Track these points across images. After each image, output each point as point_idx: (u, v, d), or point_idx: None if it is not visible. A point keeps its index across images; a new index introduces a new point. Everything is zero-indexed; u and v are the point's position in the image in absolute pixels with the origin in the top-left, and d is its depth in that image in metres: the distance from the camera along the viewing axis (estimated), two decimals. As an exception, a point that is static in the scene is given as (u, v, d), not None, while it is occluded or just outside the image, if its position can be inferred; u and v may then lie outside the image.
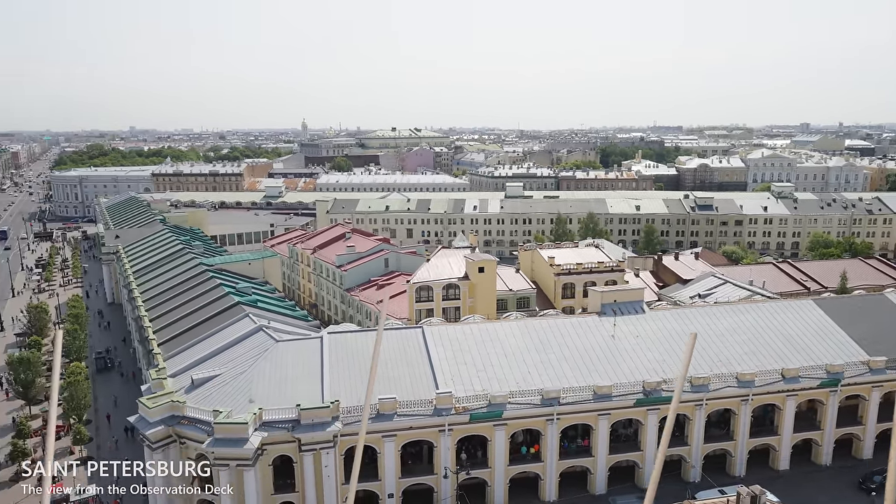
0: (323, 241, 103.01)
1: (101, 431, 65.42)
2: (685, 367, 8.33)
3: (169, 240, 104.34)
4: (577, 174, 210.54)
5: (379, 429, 47.74)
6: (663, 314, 61.95)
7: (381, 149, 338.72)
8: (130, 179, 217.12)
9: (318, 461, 46.79)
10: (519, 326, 58.71)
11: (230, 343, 56.57)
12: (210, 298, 69.93)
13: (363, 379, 51.18)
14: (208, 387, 50.30)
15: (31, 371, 67.52)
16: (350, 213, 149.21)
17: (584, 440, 54.17)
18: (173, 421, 47.32)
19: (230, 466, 45.07)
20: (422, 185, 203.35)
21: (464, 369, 52.81)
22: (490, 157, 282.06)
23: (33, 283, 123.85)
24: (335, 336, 56.13)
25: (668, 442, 10.24)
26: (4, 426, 65.17)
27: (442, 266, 79.26)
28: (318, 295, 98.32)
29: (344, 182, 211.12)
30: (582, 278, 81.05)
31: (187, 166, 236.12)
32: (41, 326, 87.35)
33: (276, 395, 48.53)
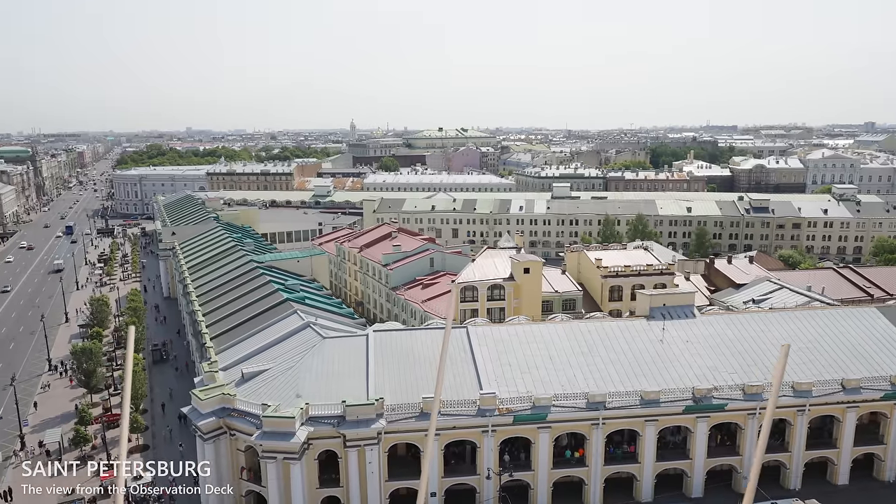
0: (369, 240, 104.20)
1: (156, 420, 67.89)
2: (778, 377, 7.90)
3: (222, 237, 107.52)
4: (626, 175, 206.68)
5: (422, 427, 47.92)
6: (715, 319, 60.17)
7: (428, 149, 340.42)
8: (186, 178, 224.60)
9: (362, 457, 47.39)
10: (564, 328, 58.04)
11: (279, 338, 57.89)
12: (260, 295, 71.71)
13: (407, 377, 51.60)
14: (257, 381, 51.60)
15: (92, 361, 70.65)
16: (396, 212, 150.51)
17: (631, 446, 53.12)
18: (224, 413, 48.73)
19: (277, 459, 46.14)
20: (468, 185, 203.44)
21: (508, 370, 52.55)
22: (537, 158, 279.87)
23: (95, 277, 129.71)
24: (380, 334, 56.72)
25: (763, 450, 9.88)
26: (67, 413, 68.29)
27: (487, 266, 79.07)
28: (365, 293, 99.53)
29: (391, 182, 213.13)
30: (630, 281, 79.51)
31: (240, 166, 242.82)
32: (102, 319, 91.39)
33: (323, 390, 49.37)
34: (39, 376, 79.55)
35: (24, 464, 59.01)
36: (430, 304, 78.54)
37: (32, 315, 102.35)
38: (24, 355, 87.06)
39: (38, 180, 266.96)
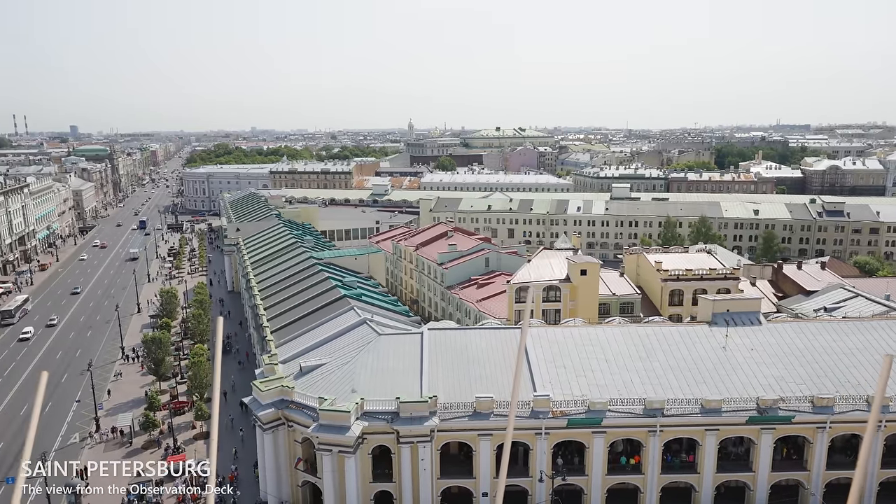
0: (426, 238, 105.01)
1: (219, 409, 70.48)
2: (881, 390, 7.42)
3: (283, 234, 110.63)
4: (689, 175, 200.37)
5: (475, 427, 47.98)
6: (782, 327, 57.57)
7: (485, 148, 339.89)
8: (251, 176, 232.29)
9: (415, 454, 47.83)
10: (622, 332, 56.85)
11: (336, 334, 59.11)
12: (319, 290, 73.42)
13: (461, 376, 51.74)
14: (315, 374, 52.87)
15: (161, 350, 74.16)
16: (452, 211, 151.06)
17: (690, 456, 51.50)
18: (282, 405, 50.18)
19: (332, 452, 47.14)
20: (524, 185, 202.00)
21: (562, 373, 51.91)
22: (596, 158, 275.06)
23: (165, 271, 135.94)
24: (435, 332, 57.08)
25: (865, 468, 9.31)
26: (138, 398, 71.84)
27: (543, 267, 78.30)
28: (420, 291, 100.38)
29: (447, 181, 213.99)
30: (691, 285, 77.08)
31: (301, 165, 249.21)
32: (171, 310, 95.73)
33: (377, 386, 50.09)
34: (113, 363, 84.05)
35: (99, 445, 62.63)
36: (484, 304, 78.50)
37: (108, 305, 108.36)
38: (99, 343, 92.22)
39: (115, 177, 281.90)
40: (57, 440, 63.87)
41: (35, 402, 6.97)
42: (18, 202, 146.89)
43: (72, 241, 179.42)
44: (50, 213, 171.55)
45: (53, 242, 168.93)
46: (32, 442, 6.65)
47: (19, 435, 64.93)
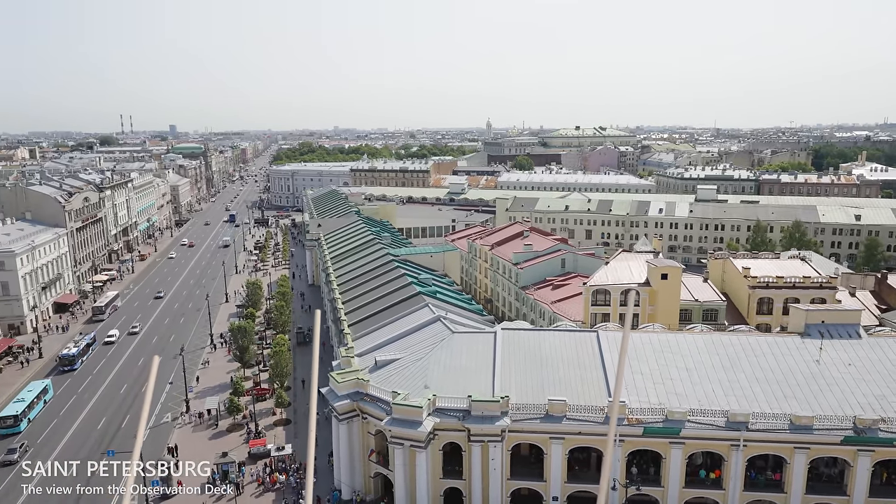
0: (501, 238, 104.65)
1: (298, 397, 73.23)
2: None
3: (362, 230, 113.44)
4: (783, 177, 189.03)
5: (546, 430, 47.40)
6: (886, 342, 53.32)
7: (564, 148, 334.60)
8: (332, 174, 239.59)
9: (485, 453, 47.84)
10: (704, 340, 54.48)
11: (410, 330, 60.03)
12: (395, 287, 74.79)
13: (534, 377, 51.24)
14: (389, 369, 53.91)
15: (245, 338, 77.83)
16: (529, 211, 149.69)
17: (776, 474, 48.66)
18: (357, 397, 51.52)
19: (404, 446, 47.91)
20: (604, 186, 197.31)
21: (639, 379, 50.35)
22: (680, 158, 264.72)
23: (251, 264, 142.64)
24: (509, 332, 56.82)
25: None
26: (224, 383, 75.73)
27: (621, 270, 76.19)
28: (494, 291, 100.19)
29: (524, 181, 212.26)
30: (782, 293, 72.71)
31: (381, 163, 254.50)
32: (256, 301, 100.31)
33: (449, 383, 50.43)
34: (202, 349, 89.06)
35: (188, 425, 66.56)
36: (559, 306, 77.35)
37: (199, 294, 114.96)
38: (190, 330, 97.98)
39: (209, 174, 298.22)
40: (152, 418, 68.41)
41: (148, 384, 7.55)
42: (123, 196, 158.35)
43: (168, 233, 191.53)
44: (150, 207, 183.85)
45: (152, 234, 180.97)
46: (146, 419, 7.20)
47: (118, 413, 70.08)
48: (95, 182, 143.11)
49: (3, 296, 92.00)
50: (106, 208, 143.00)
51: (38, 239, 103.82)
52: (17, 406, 66.12)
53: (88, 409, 70.85)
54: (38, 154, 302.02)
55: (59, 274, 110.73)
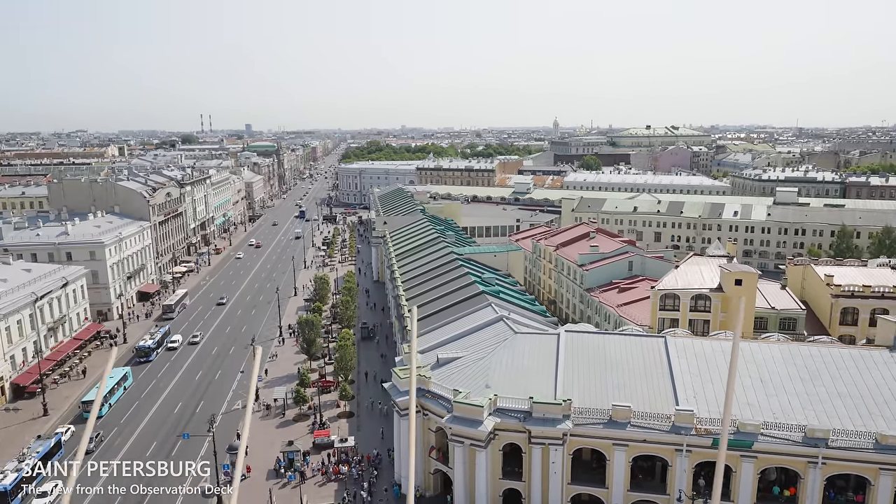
0: (566, 238, 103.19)
1: (362, 390, 74.74)
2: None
3: (427, 228, 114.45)
4: (872, 180, 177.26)
5: (610, 435, 46.40)
6: None
7: (633, 147, 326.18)
8: (399, 172, 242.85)
9: (545, 456, 47.32)
10: (781, 350, 51.85)
11: (473, 329, 60.12)
12: (458, 285, 75.07)
13: (597, 381, 50.27)
14: (451, 367, 54.17)
15: (312, 331, 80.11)
16: (595, 212, 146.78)
17: (858, 495, 45.76)
18: (419, 393, 51.92)
19: (464, 444, 48.06)
20: (675, 187, 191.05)
21: (709, 388, 48.50)
22: (758, 158, 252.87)
23: (319, 259, 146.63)
24: (573, 335, 55.97)
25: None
26: (291, 374, 78.18)
27: (692, 274, 73.57)
28: (558, 292, 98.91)
29: (591, 181, 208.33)
30: (869, 303, 68.29)
31: (446, 162, 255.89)
32: (323, 295, 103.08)
33: (511, 384, 50.17)
34: (272, 340, 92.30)
35: (257, 413, 69.14)
36: (625, 309, 75.53)
37: (269, 287, 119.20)
38: (261, 321, 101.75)
39: (281, 171, 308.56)
40: (223, 405, 71.52)
41: (253, 371, 7.93)
42: (202, 192, 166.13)
43: (242, 227, 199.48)
44: (226, 203, 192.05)
45: (228, 228, 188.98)
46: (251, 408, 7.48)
47: (193, 399, 73.65)
48: (177, 178, 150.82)
49: (93, 284, 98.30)
50: (186, 203, 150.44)
51: (125, 231, 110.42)
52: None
53: (165, 395, 74.69)
54: (126, 151, 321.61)
55: (143, 265, 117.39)
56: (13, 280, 78.85)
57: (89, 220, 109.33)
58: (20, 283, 79.06)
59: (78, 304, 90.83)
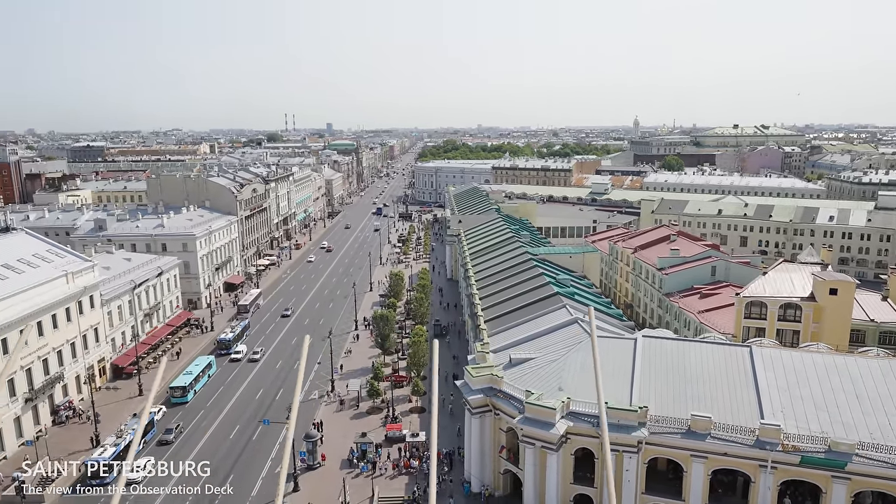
0: (645, 241, 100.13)
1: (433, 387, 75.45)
2: None
3: (502, 227, 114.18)
4: None
5: (688, 446, 44.72)
6: None
7: (719, 147, 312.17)
8: (474, 171, 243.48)
9: (619, 463, 46.17)
10: (881, 366, 48.26)
11: (546, 330, 59.51)
12: (532, 286, 74.49)
13: (676, 390, 48.59)
14: (523, 367, 53.86)
15: (387, 327, 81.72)
16: (677, 214, 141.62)
17: (967, 527, 41.95)
18: (491, 393, 52.06)
19: (535, 446, 47.66)
20: (763, 189, 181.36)
21: (798, 403, 45.82)
22: (858, 160, 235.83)
23: (394, 256, 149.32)
24: (650, 340, 54.34)
25: None
26: (366, 368, 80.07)
27: (781, 282, 69.65)
28: (635, 296, 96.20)
29: (673, 182, 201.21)
30: None
31: (522, 161, 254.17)
32: (398, 291, 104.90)
33: (584, 388, 49.22)
34: (348, 333, 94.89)
35: (333, 404, 71.30)
36: (707, 316, 72.51)
37: (346, 282, 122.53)
38: (338, 315, 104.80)
39: (359, 169, 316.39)
40: (301, 394, 74.11)
41: (301, 360, 8.26)
42: (285, 188, 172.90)
43: (321, 224, 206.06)
44: (307, 199, 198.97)
45: (308, 224, 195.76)
46: (299, 394, 7.75)
47: (273, 387, 76.89)
48: (262, 175, 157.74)
49: (185, 274, 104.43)
50: (270, 199, 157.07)
51: (214, 225, 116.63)
52: (186, 378, 74.24)
53: (246, 383, 78.27)
54: (216, 149, 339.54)
55: (230, 257, 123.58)
56: (115, 268, 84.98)
57: (182, 213, 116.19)
58: (121, 272, 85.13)
59: (171, 292, 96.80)
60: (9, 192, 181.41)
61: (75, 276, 72.55)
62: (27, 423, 63.58)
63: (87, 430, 64.51)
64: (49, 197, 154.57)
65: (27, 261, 70.23)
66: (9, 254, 69.72)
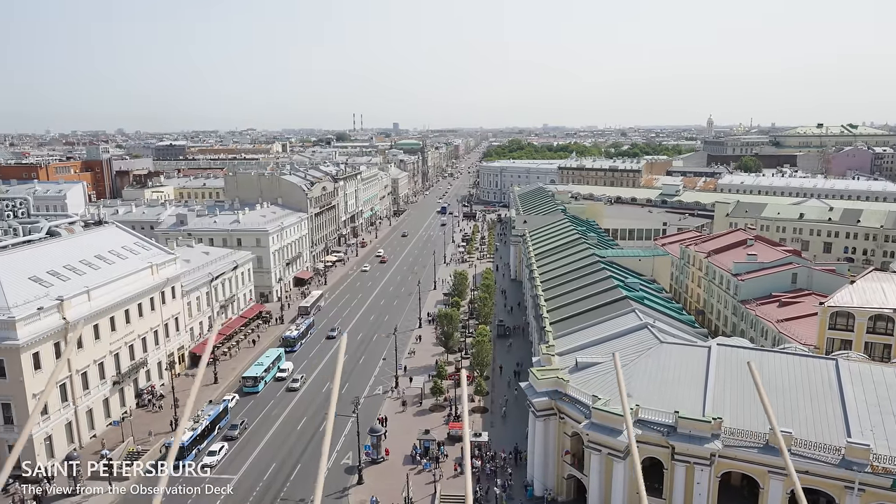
0: (719, 245, 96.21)
1: (496, 387, 75.22)
2: None
3: (567, 229, 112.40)
4: None
5: (766, 462, 42.62)
6: None
7: (801, 148, 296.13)
8: (540, 171, 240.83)
9: (690, 475, 44.59)
10: None
11: (614, 334, 58.10)
12: (599, 289, 72.90)
13: (752, 402, 46.33)
14: (590, 371, 52.82)
15: (450, 325, 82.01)
16: (754, 218, 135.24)
17: None
18: (556, 396, 51.34)
19: (601, 452, 46.67)
20: (850, 192, 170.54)
21: (890, 422, 42.79)
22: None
23: (458, 255, 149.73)
24: (725, 349, 52.12)
25: None
26: (429, 366, 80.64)
27: (871, 291, 65.32)
28: (707, 302, 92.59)
29: (749, 183, 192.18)
30: None
31: (589, 161, 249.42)
32: (462, 290, 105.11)
33: (654, 395, 47.83)
34: (412, 331, 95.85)
35: (397, 400, 72.20)
36: (787, 326, 68.92)
37: (411, 280, 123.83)
38: (402, 312, 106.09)
39: (424, 168, 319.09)
40: (366, 389, 75.57)
41: (338, 357, 8.19)
42: (353, 186, 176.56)
43: (387, 222, 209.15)
44: (374, 198, 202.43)
45: (374, 222, 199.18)
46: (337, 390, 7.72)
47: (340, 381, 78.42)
48: (331, 173, 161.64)
49: (258, 268, 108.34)
50: (339, 197, 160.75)
51: (286, 221, 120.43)
52: (257, 369, 76.92)
53: (314, 376, 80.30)
54: (288, 148, 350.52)
55: (300, 253, 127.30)
56: (195, 261, 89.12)
57: (256, 209, 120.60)
58: (200, 264, 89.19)
59: (245, 285, 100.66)
60: (101, 187, 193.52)
61: (159, 268, 76.60)
62: (114, 404, 67.72)
63: (166, 413, 68.03)
64: (136, 193, 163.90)
65: (117, 252, 74.68)
66: (102, 245, 74.39)
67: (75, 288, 62.69)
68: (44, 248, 68.27)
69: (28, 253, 65.76)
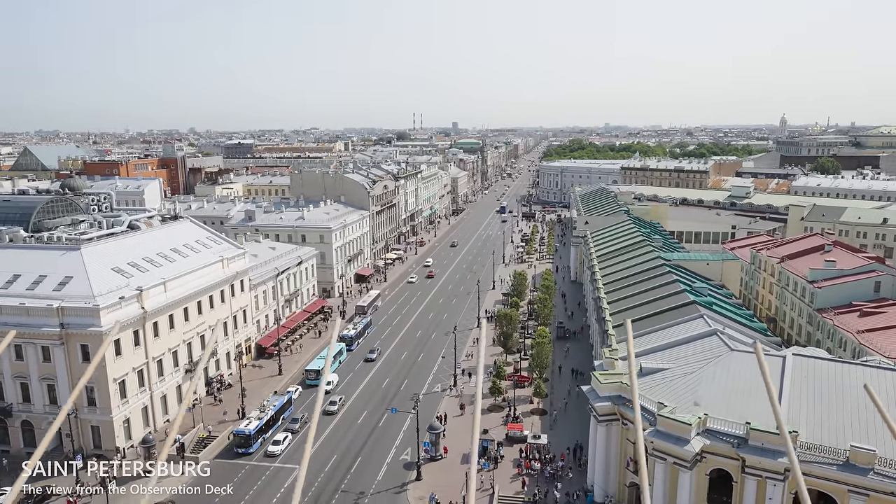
0: (794, 250, 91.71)
1: (556, 390, 74.31)
2: None
3: (631, 230, 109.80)
4: None
5: (846, 480, 40.37)
6: None
7: (884, 149, 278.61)
8: (602, 171, 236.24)
9: (761, 490, 42.75)
10: None
11: (681, 340, 56.38)
12: (665, 293, 70.91)
13: (830, 416, 44.10)
14: (655, 377, 51.41)
15: (510, 325, 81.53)
16: (832, 222, 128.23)
17: None
18: (619, 401, 50.26)
19: (667, 462, 45.35)
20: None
21: None
22: None
23: (517, 255, 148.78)
24: (801, 359, 49.72)
25: None
26: (487, 365, 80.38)
27: (966, 303, 60.90)
28: (780, 310, 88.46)
29: (827, 186, 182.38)
30: None
31: (654, 162, 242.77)
32: (521, 291, 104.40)
33: (724, 405, 46.13)
34: (471, 329, 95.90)
35: (455, 398, 72.39)
36: (869, 337, 65.01)
37: (470, 279, 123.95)
38: (461, 310, 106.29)
39: (484, 168, 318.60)
40: (424, 386, 76.14)
41: (480, 344, 8.16)
42: (413, 185, 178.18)
43: (446, 221, 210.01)
44: (433, 196, 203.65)
45: (433, 221, 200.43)
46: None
47: (398, 378, 79.54)
48: (392, 172, 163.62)
49: (321, 264, 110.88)
50: (399, 195, 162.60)
51: (348, 219, 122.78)
52: (320, 363, 78.70)
53: (373, 372, 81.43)
54: (350, 147, 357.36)
55: (361, 250, 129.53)
56: (262, 256, 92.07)
57: (320, 207, 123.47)
58: (267, 259, 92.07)
59: (308, 280, 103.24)
60: (176, 184, 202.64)
61: (229, 262, 79.55)
62: (185, 391, 70.76)
63: (234, 402, 70.58)
64: (207, 189, 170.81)
65: (191, 246, 78.01)
66: (177, 239, 77.91)
67: (153, 279, 65.90)
68: (125, 241, 72.05)
69: (111, 245, 69.57)
